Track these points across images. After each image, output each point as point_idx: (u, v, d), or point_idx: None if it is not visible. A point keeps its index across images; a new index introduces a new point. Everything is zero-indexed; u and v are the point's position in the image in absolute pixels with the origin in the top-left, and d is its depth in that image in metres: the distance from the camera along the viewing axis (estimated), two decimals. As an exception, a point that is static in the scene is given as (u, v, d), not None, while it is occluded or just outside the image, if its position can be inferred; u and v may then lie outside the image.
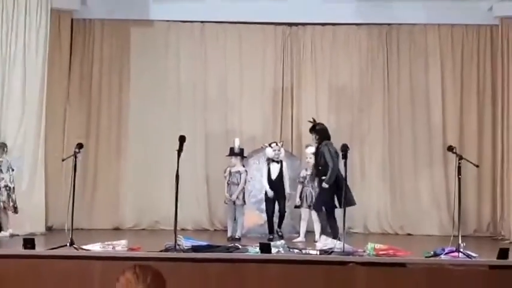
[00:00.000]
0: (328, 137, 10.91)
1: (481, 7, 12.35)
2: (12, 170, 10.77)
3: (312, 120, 11.21)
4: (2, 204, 10.63)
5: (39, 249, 8.26)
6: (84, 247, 8.49)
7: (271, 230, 11.17)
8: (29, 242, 8.04)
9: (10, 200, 10.67)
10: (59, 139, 12.32)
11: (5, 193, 10.65)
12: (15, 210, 10.71)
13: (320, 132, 10.96)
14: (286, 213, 11.30)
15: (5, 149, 10.82)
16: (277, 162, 11.28)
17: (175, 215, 8.76)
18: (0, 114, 10.82)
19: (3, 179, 10.66)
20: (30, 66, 11.24)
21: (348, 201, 9.94)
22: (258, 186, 11.77)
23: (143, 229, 12.48)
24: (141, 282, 2.86)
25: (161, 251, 8.36)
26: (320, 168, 10.72)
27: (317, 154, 10.83)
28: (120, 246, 8.70)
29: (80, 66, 12.87)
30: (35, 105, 11.23)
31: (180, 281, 6.45)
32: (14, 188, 10.72)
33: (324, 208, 10.76)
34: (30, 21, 11.24)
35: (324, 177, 10.58)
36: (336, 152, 10.48)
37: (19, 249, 8.00)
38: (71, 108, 12.73)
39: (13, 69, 11.14)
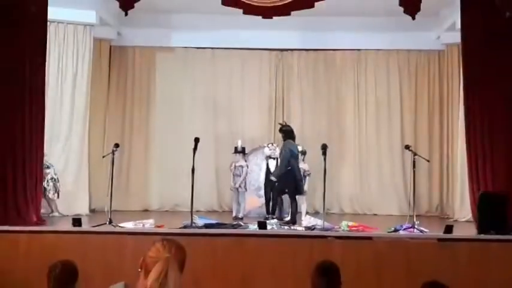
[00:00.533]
0: (291, 137, 10.67)
1: (431, 36, 12.34)
2: (52, 166, 10.69)
3: (281, 122, 11.16)
4: (48, 193, 10.55)
5: (85, 226, 8.27)
6: (120, 225, 8.49)
7: (267, 211, 11.16)
8: (77, 221, 8.04)
9: (56, 188, 10.64)
10: (100, 140, 12.31)
11: (51, 183, 10.59)
12: (58, 195, 10.67)
13: (285, 132, 10.77)
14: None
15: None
16: (274, 158, 11.28)
17: (192, 199, 8.75)
18: (53, 121, 10.79)
19: (49, 173, 10.59)
20: (78, 84, 11.25)
21: (299, 190, 10.33)
22: (256, 177, 11.80)
23: (166, 210, 12.49)
24: (167, 251, 2.89)
25: (180, 228, 8.37)
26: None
27: (281, 150, 10.70)
28: (148, 224, 8.69)
29: (116, 83, 12.89)
30: (81, 114, 11.25)
31: (195, 252, 6.41)
32: (58, 178, 10.70)
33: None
34: (78, 49, 11.25)
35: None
36: (291, 151, 10.35)
37: (69, 227, 8.01)
38: (110, 116, 12.73)
39: (65, 86, 11.14)
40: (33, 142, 8.74)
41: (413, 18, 7.84)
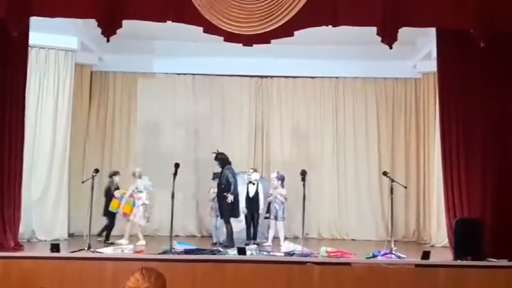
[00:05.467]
0: (229, 163, 10.84)
1: (408, 65, 12.48)
2: (146, 190, 10.73)
3: (215, 151, 11.10)
4: (134, 217, 10.58)
5: (63, 252, 8.14)
6: (98, 250, 8.38)
7: (248, 236, 11.08)
8: (55, 246, 7.92)
9: (145, 214, 10.61)
10: (79, 165, 12.19)
11: (141, 209, 10.57)
12: (147, 220, 10.83)
13: (220, 160, 10.87)
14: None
15: (141, 175, 10.80)
16: (253, 183, 11.23)
17: (171, 224, 8.70)
18: (33, 146, 10.68)
19: (140, 198, 10.61)
20: (58, 108, 11.15)
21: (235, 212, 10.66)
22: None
23: (145, 235, 12.25)
24: (146, 281, 2.85)
25: (159, 254, 8.27)
26: (223, 186, 10.64)
27: (221, 176, 10.75)
28: (127, 249, 8.60)
29: (97, 108, 12.80)
30: (61, 139, 11.13)
31: (174, 277, 6.35)
32: (148, 204, 10.69)
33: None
34: (59, 74, 11.17)
35: (225, 194, 10.54)
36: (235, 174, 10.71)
37: (47, 252, 7.87)
38: (90, 140, 12.62)
39: (45, 111, 11.02)
40: (11, 167, 8.63)
41: (391, 48, 7.88)
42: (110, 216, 10.84)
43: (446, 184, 8.96)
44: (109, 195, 10.86)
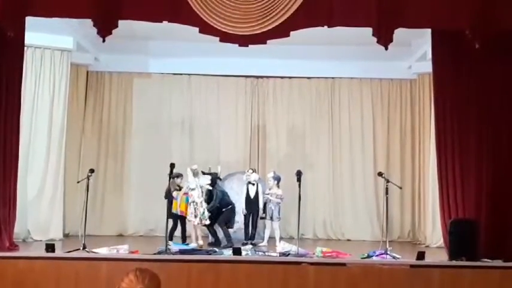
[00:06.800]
0: (218, 179, 11.06)
1: (403, 65, 12.50)
2: (196, 188, 10.51)
3: (206, 171, 11.15)
4: (190, 216, 10.44)
5: (58, 252, 8.11)
6: (93, 250, 8.36)
7: (246, 236, 11.11)
8: (50, 247, 7.89)
9: (196, 212, 10.37)
10: (75, 165, 12.16)
11: (192, 206, 10.40)
12: (201, 222, 10.47)
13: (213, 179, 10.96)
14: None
15: (197, 172, 10.70)
16: (253, 184, 11.22)
17: (167, 224, 8.69)
18: (29, 146, 10.64)
19: (192, 195, 10.45)
20: (54, 109, 11.11)
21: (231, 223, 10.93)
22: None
23: (141, 235, 12.33)
24: (140, 283, 2.82)
25: (155, 254, 8.26)
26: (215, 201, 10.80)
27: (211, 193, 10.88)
28: (122, 249, 8.56)
29: (93, 108, 12.80)
30: (57, 138, 11.10)
31: (169, 277, 6.38)
32: (201, 202, 10.41)
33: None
34: (55, 74, 11.14)
35: (224, 209, 10.80)
36: (224, 192, 11.00)
37: (42, 252, 7.84)
38: (85, 140, 12.61)
39: (41, 110, 10.99)
40: (7, 167, 8.59)
41: (386, 49, 7.88)
42: (173, 217, 10.48)
43: (442, 185, 8.96)
44: (169, 197, 10.53)
